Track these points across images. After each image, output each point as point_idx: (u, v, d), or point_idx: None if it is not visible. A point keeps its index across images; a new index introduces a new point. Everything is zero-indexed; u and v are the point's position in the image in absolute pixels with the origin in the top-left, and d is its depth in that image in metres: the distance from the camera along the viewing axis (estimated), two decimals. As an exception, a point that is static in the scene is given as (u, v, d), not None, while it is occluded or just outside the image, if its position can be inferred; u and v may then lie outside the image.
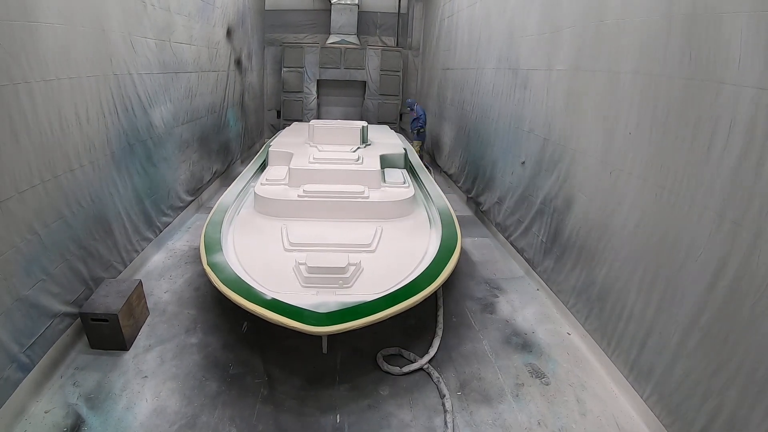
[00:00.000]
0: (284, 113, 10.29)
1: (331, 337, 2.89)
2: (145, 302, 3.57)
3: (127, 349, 3.20)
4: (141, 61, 4.18)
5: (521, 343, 3.48)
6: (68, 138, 3.11)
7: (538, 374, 3.14)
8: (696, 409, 2.30)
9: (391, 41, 10.63)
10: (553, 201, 3.97)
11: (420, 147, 8.57)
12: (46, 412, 2.65)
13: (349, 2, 10.04)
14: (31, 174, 2.74)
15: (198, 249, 3.95)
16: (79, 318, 3.16)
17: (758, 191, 2.02)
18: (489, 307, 3.97)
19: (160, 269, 4.38)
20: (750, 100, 2.05)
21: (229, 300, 2.89)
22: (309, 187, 4.29)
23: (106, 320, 3.08)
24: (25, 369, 2.69)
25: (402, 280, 3.13)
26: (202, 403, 2.77)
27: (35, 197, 2.78)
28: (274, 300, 2.80)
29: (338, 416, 2.73)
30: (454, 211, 4.34)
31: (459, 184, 7.02)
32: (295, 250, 3.47)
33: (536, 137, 4.29)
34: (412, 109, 8.41)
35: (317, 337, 2.83)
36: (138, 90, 4.15)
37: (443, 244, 3.61)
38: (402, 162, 5.46)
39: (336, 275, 3.08)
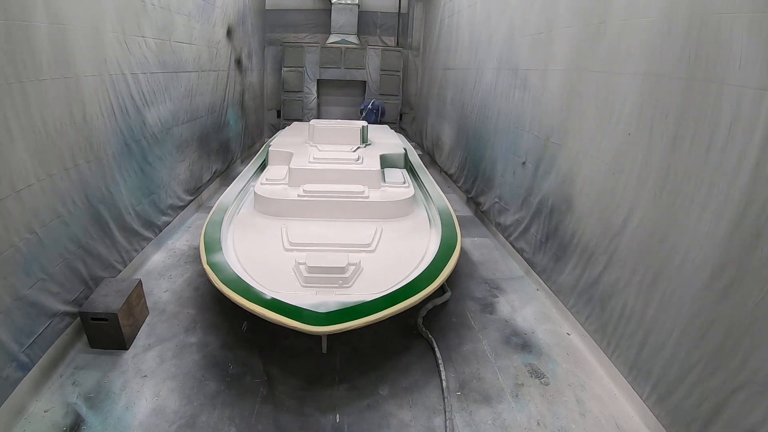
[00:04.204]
0: (284, 113, 10.30)
1: (331, 336, 2.89)
2: (145, 302, 3.57)
3: (127, 349, 3.20)
4: (140, 60, 4.18)
5: (521, 343, 3.48)
6: (67, 137, 3.10)
7: (537, 374, 3.14)
8: (695, 409, 2.30)
9: (391, 41, 10.64)
10: (553, 201, 3.97)
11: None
12: (45, 411, 2.64)
13: (349, 2, 10.05)
14: (27, 173, 2.74)
15: (198, 248, 3.96)
16: (78, 317, 3.16)
17: (758, 192, 2.02)
18: (489, 307, 3.97)
19: (159, 269, 4.38)
20: (751, 100, 2.05)
21: (229, 300, 2.89)
22: (309, 187, 4.29)
23: (106, 319, 3.07)
24: (25, 368, 2.69)
25: (402, 280, 3.13)
26: (201, 403, 2.77)
27: (33, 196, 2.78)
28: (273, 300, 2.80)
29: (338, 416, 2.73)
30: (454, 211, 4.34)
31: (459, 184, 7.02)
32: (294, 249, 3.47)
33: (536, 137, 4.29)
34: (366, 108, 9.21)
35: (317, 337, 2.83)
36: (138, 90, 4.15)
37: (443, 244, 3.61)
38: (402, 162, 5.46)
39: (336, 275, 3.08)
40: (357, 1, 10.08)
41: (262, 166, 5.42)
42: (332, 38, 10.18)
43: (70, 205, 3.19)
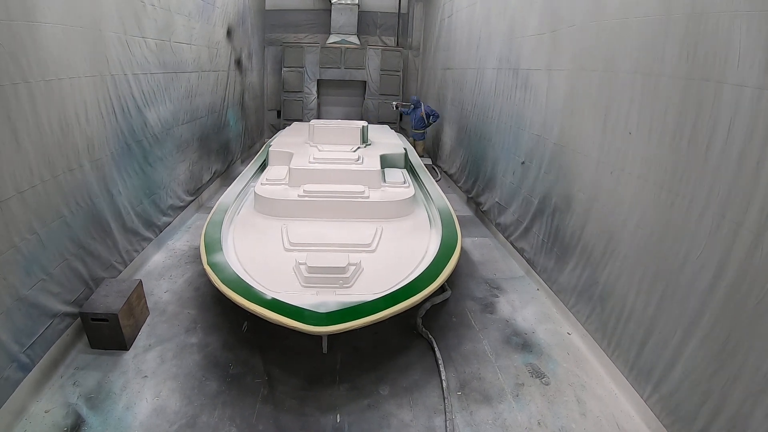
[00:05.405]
0: (284, 113, 10.29)
1: (331, 336, 2.90)
2: (145, 302, 3.57)
3: (127, 349, 3.20)
4: (141, 61, 4.18)
5: (521, 343, 3.48)
6: (68, 138, 3.11)
7: (538, 374, 3.14)
8: (696, 409, 2.30)
9: (391, 41, 10.63)
10: (554, 201, 3.97)
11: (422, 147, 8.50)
12: (46, 412, 2.65)
13: (349, 2, 10.04)
14: (31, 174, 2.74)
15: (198, 249, 3.96)
16: (79, 318, 3.16)
17: (758, 191, 2.01)
18: (489, 307, 3.97)
19: (160, 269, 4.38)
20: (749, 99, 2.05)
21: (229, 300, 2.89)
22: (309, 187, 4.29)
23: (107, 320, 3.08)
24: (26, 369, 2.69)
25: (402, 280, 3.13)
26: (202, 403, 2.77)
27: (35, 197, 2.78)
28: (274, 300, 2.80)
29: (338, 416, 2.73)
30: (455, 211, 4.34)
31: (459, 184, 7.02)
32: (295, 249, 3.47)
33: (537, 137, 4.29)
34: (416, 108, 8.16)
35: (317, 337, 2.84)
36: (137, 90, 4.15)
37: (443, 244, 3.61)
38: (402, 162, 5.46)
39: (336, 275, 3.08)
40: (357, 1, 10.07)
41: (263, 167, 5.42)
42: (332, 38, 10.18)
43: (73, 205, 3.20)
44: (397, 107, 9.10)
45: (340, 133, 5.73)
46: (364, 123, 6.05)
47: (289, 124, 8.21)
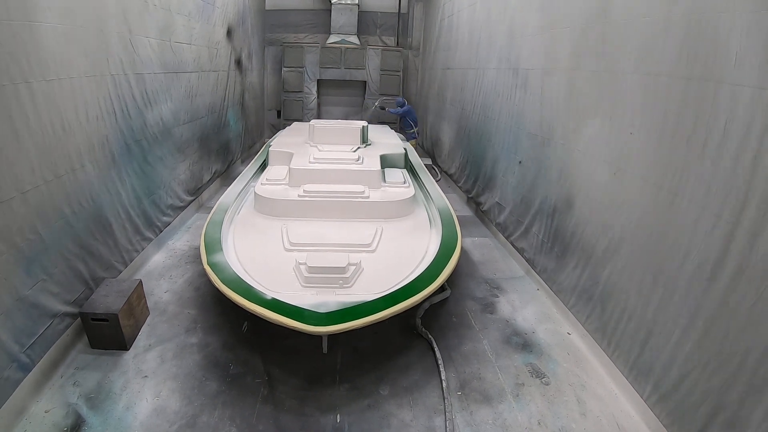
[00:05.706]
0: (284, 113, 10.30)
1: (331, 336, 2.90)
2: (146, 302, 3.58)
3: (128, 349, 3.20)
4: (142, 61, 4.18)
5: (521, 343, 3.48)
6: (70, 138, 3.11)
7: (538, 374, 3.14)
8: (696, 408, 2.31)
9: (391, 41, 10.64)
10: (554, 201, 3.97)
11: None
12: (46, 412, 2.65)
13: (349, 2, 10.05)
14: (33, 174, 2.74)
15: (198, 249, 3.96)
16: (79, 318, 3.16)
17: (754, 191, 2.02)
18: (489, 307, 3.97)
19: (160, 269, 4.38)
20: (748, 99, 2.05)
21: (229, 300, 2.89)
22: (309, 187, 4.29)
23: (107, 320, 3.08)
24: (26, 369, 2.69)
25: (402, 280, 3.13)
26: (202, 403, 2.77)
27: (38, 197, 2.79)
28: (274, 300, 2.80)
29: (338, 416, 2.73)
30: (455, 210, 4.34)
31: (459, 184, 7.02)
32: (295, 249, 3.47)
33: (537, 137, 4.29)
34: (401, 107, 8.77)
35: (317, 337, 2.84)
36: (139, 90, 4.15)
37: (443, 244, 3.61)
38: (402, 162, 5.46)
39: (336, 275, 3.08)
40: (357, 1, 10.08)
41: (263, 167, 5.42)
42: (332, 38, 10.19)
43: (75, 205, 3.20)
44: (383, 108, 9.24)
45: (340, 133, 5.73)
46: (364, 123, 6.05)
47: (289, 124, 8.21)
